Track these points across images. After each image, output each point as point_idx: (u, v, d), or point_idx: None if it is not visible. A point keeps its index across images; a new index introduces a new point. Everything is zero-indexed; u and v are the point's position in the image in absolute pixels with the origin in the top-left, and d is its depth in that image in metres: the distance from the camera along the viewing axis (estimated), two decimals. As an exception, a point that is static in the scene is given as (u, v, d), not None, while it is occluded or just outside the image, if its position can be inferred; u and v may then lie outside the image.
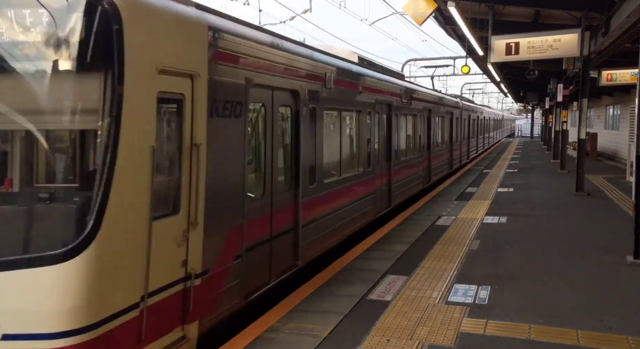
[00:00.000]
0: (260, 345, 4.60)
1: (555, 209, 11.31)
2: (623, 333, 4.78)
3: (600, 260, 7.24)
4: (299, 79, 6.43)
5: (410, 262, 7.23)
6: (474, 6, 12.58)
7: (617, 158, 23.84)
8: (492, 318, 5.16)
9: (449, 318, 5.15)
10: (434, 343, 4.60)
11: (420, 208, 11.75)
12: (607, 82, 18.08)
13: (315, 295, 5.90)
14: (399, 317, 5.20)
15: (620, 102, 23.66)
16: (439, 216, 10.66)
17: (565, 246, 8.03)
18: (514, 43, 12.42)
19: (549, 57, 12.66)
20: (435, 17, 13.81)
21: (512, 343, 4.57)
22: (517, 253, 7.65)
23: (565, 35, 12.19)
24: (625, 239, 7.90)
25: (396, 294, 5.90)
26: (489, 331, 4.84)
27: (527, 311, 5.34)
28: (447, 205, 12.10)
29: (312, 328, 4.95)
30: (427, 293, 5.91)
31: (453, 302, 5.62)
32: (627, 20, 9.11)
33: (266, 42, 5.70)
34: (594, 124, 30.00)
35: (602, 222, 9.91)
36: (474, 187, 15.38)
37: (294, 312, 5.38)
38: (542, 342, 4.58)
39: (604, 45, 11.94)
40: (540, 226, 9.62)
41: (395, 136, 11.14)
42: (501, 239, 8.53)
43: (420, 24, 11.07)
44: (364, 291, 5.99)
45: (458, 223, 9.92)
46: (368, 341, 4.65)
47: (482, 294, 5.86)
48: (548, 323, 5.02)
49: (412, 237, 8.73)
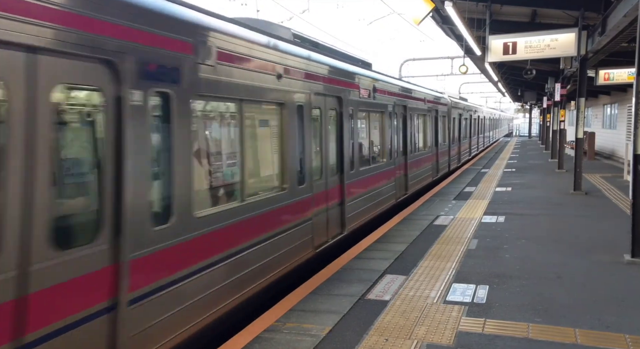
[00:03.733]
0: (259, 345, 4.61)
1: (553, 208, 11.33)
2: (621, 331, 4.79)
3: (598, 259, 7.25)
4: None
5: (409, 262, 7.24)
6: (471, 6, 12.61)
7: (615, 157, 23.89)
8: (490, 317, 5.17)
9: (447, 317, 5.16)
10: (432, 342, 4.61)
11: (418, 208, 11.76)
12: (604, 81, 18.14)
13: (314, 295, 5.91)
14: (397, 316, 5.21)
15: (617, 102, 23.71)
16: (437, 216, 10.67)
17: (563, 245, 8.05)
18: (511, 43, 12.46)
19: (546, 56, 12.68)
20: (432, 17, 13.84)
21: (511, 342, 4.58)
22: (515, 252, 7.66)
23: (563, 34, 12.22)
24: (622, 237, 7.92)
25: (394, 293, 5.91)
26: (487, 330, 4.85)
27: (525, 309, 5.35)
28: (445, 204, 12.12)
29: (310, 328, 4.95)
30: (425, 293, 5.92)
31: (451, 301, 5.63)
32: (624, 19, 9.13)
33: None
34: (592, 123, 30.05)
35: (599, 221, 9.93)
36: (472, 186, 15.39)
37: (292, 312, 5.39)
38: (540, 341, 4.60)
39: (601, 44, 11.96)
40: (538, 225, 9.64)
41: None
42: (499, 239, 8.55)
43: (418, 24, 11.09)
44: (362, 291, 6.00)
45: (456, 223, 9.93)
46: (366, 341, 4.66)
47: (480, 293, 5.87)
48: (546, 321, 5.03)
49: (411, 237, 8.75)
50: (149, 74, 4.05)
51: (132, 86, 3.87)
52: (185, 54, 4.50)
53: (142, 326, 3.97)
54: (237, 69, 5.27)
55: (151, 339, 4.07)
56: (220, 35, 5.04)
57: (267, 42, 6.04)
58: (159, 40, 4.20)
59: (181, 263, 4.42)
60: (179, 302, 4.38)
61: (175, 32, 4.38)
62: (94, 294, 3.59)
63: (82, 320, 3.48)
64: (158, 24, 4.19)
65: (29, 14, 3.12)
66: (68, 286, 3.38)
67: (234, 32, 5.33)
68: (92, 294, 3.57)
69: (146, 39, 4.05)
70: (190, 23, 4.63)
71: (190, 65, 4.55)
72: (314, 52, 7.54)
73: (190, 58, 4.56)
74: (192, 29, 4.60)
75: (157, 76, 4.16)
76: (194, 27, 4.64)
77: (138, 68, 3.93)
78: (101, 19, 3.61)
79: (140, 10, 4.02)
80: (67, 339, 3.36)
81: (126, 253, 3.83)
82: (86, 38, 3.48)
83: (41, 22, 3.19)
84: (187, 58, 4.52)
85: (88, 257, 3.54)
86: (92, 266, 3.57)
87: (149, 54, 4.05)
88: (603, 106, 27.33)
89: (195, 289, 4.60)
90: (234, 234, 5.21)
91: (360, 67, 9.71)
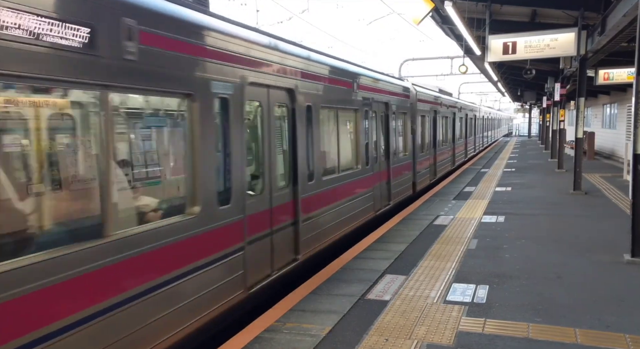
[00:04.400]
0: (259, 345, 4.61)
1: (553, 208, 11.33)
2: (621, 331, 4.79)
3: (598, 258, 7.25)
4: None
5: (409, 261, 7.24)
6: (471, 5, 12.61)
7: (615, 157, 23.90)
8: (490, 316, 5.17)
9: (447, 317, 5.16)
10: (432, 342, 4.61)
11: (418, 208, 11.76)
12: (603, 81, 18.14)
13: (314, 295, 5.91)
14: (397, 316, 5.21)
15: (617, 101, 23.72)
16: (437, 216, 10.67)
17: (563, 245, 8.05)
18: (511, 42, 12.46)
19: (546, 56, 12.69)
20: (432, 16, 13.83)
21: (511, 342, 4.58)
22: (515, 252, 7.66)
23: (562, 34, 12.22)
24: (622, 237, 7.92)
25: (394, 293, 5.90)
26: (487, 330, 4.85)
27: (525, 309, 5.35)
28: (445, 204, 12.12)
29: (310, 328, 4.95)
30: (425, 293, 5.92)
31: (451, 301, 5.62)
32: (623, 19, 9.13)
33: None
34: (591, 123, 30.05)
35: (599, 220, 9.93)
36: (472, 186, 15.40)
37: (292, 312, 5.39)
38: (540, 340, 4.59)
39: (601, 44, 11.96)
40: (538, 225, 9.64)
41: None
42: (499, 238, 8.54)
43: (418, 24, 11.09)
44: (362, 291, 6.00)
45: (456, 222, 9.93)
46: (366, 341, 4.66)
47: (481, 293, 5.87)
48: (546, 321, 5.03)
49: (410, 237, 8.75)
50: (306, 96, 7.03)
51: (299, 104, 6.80)
52: (325, 84, 7.79)
53: (307, 235, 7.03)
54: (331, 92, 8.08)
55: (310, 242, 7.16)
56: (362, 77, 9.42)
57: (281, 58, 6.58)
58: (311, 76, 7.23)
59: (320, 203, 7.53)
60: (321, 225, 7.53)
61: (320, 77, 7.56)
62: (290, 214, 6.66)
63: (288, 225, 6.58)
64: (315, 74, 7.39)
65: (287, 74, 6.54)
66: (292, 203, 6.72)
67: (365, 73, 9.79)
68: (290, 213, 6.66)
69: (306, 76, 7.07)
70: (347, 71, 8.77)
71: (329, 91, 7.83)
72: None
73: (330, 87, 7.95)
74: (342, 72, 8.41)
75: (307, 98, 7.07)
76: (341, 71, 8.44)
77: (300, 94, 6.84)
78: (295, 73, 6.73)
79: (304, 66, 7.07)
80: (284, 232, 6.43)
81: (299, 194, 6.78)
82: (289, 82, 6.55)
83: (293, 79, 6.63)
84: (323, 86, 7.71)
85: (290, 193, 6.66)
86: (290, 198, 6.63)
87: (306, 87, 7.09)
88: (603, 106, 27.34)
89: (328, 219, 7.78)
90: (338, 192, 8.22)
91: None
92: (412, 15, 10.53)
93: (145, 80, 4.11)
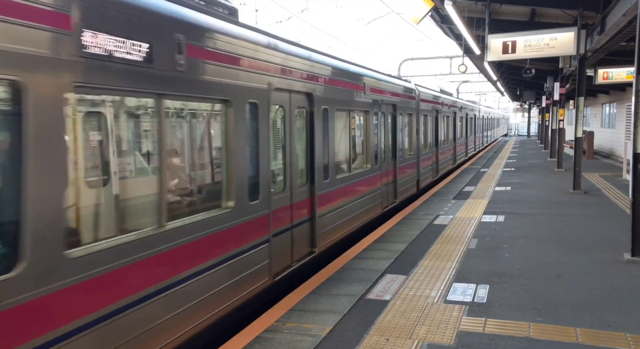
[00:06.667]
0: (259, 345, 4.60)
1: (553, 208, 11.33)
2: (621, 330, 4.79)
3: (598, 258, 7.25)
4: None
5: (409, 261, 7.23)
6: (470, 5, 12.62)
7: (614, 156, 23.91)
8: (490, 316, 5.16)
9: (447, 317, 5.15)
10: (433, 341, 4.61)
11: (418, 207, 11.76)
12: (603, 80, 18.14)
13: (314, 295, 5.90)
14: (397, 316, 5.21)
15: (616, 101, 23.73)
16: (437, 215, 10.67)
17: (562, 244, 8.05)
18: (510, 42, 12.46)
19: (545, 55, 12.69)
20: (431, 16, 13.83)
21: (511, 341, 4.57)
22: (515, 251, 7.66)
23: (562, 33, 12.22)
24: (622, 236, 7.92)
25: (395, 293, 5.90)
26: (488, 329, 4.85)
27: (525, 309, 5.35)
28: (444, 204, 12.11)
29: (311, 328, 4.95)
30: (425, 292, 5.91)
31: (452, 301, 5.62)
32: (623, 18, 9.13)
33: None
34: (591, 122, 30.07)
35: (599, 220, 9.93)
36: (472, 186, 15.40)
37: (292, 312, 5.38)
38: (541, 340, 4.59)
39: (600, 43, 11.97)
40: (537, 224, 9.63)
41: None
42: (499, 238, 8.54)
43: (417, 23, 11.08)
44: (362, 291, 5.99)
45: (456, 222, 9.93)
46: (367, 341, 4.65)
47: (481, 292, 5.87)
48: (547, 321, 5.03)
49: (410, 237, 8.74)
50: (322, 100, 7.47)
51: (317, 107, 7.24)
52: (338, 87, 8.14)
53: (322, 229, 7.47)
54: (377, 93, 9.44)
55: (325, 236, 7.61)
56: (372, 80, 9.84)
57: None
58: (327, 81, 7.71)
59: (334, 200, 7.96)
60: (334, 221, 7.96)
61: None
62: (308, 209, 7.15)
63: (305, 221, 7.04)
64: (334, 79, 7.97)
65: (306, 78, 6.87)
66: (309, 200, 7.21)
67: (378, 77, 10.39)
68: (308, 209, 7.15)
69: (323, 81, 7.54)
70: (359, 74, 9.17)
71: (339, 94, 8.18)
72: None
73: (341, 90, 8.28)
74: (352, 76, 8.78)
75: (324, 102, 7.52)
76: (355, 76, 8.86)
77: (317, 98, 7.26)
78: (313, 78, 7.18)
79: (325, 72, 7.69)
80: (302, 226, 6.93)
81: (315, 192, 7.23)
82: (308, 86, 7.00)
83: (311, 84, 7.13)
84: (338, 90, 8.12)
85: (308, 190, 7.13)
86: (307, 195, 7.12)
87: (323, 91, 7.53)
88: (602, 105, 27.36)
89: (340, 215, 8.19)
90: (349, 190, 8.64)
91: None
92: (411, 14, 10.54)
93: (191, 89, 4.57)
